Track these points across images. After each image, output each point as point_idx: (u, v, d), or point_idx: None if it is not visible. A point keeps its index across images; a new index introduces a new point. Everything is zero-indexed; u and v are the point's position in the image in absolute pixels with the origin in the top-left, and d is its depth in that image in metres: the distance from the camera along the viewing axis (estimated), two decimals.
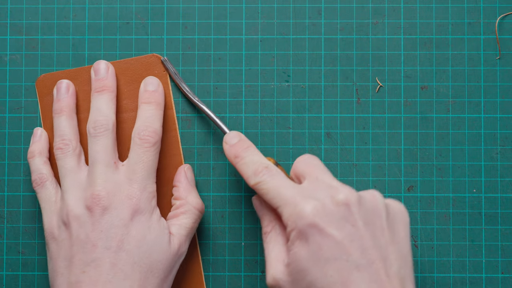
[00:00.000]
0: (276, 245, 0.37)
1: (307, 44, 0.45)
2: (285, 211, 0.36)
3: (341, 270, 0.33)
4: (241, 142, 0.40)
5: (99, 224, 0.38)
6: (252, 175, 0.38)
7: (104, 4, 0.46)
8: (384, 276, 0.33)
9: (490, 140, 0.45)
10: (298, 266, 0.34)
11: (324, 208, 0.35)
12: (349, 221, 0.34)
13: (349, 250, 0.34)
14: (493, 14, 0.45)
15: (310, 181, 0.37)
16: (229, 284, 0.45)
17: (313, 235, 0.34)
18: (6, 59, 0.46)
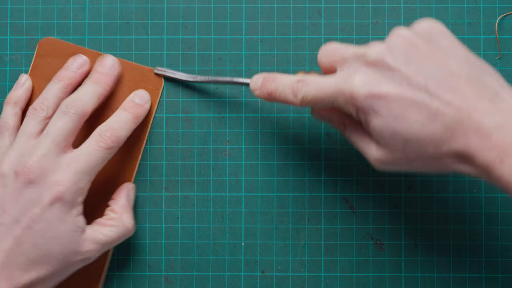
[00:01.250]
0: (358, 134, 0.38)
1: (307, 44, 0.45)
2: (340, 102, 0.36)
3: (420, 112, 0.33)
4: (266, 78, 0.40)
5: (18, 193, 0.38)
6: (293, 97, 0.38)
7: (104, 4, 0.46)
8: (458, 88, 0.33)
9: None
10: (384, 134, 0.34)
11: (367, 75, 0.34)
12: (394, 71, 0.34)
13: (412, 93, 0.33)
14: (493, 14, 0.45)
15: (341, 64, 0.37)
16: (229, 284, 0.45)
17: (375, 103, 0.34)
18: (6, 59, 0.46)
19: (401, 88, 0.34)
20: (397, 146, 0.34)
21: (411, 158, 0.35)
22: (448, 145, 0.33)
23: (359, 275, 0.45)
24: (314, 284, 0.45)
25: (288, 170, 0.45)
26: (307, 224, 0.45)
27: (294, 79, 0.38)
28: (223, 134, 0.45)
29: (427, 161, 0.35)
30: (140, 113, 0.43)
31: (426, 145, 0.34)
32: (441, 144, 0.33)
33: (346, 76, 0.35)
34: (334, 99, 0.36)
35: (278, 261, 0.45)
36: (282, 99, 0.39)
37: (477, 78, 0.34)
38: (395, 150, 0.35)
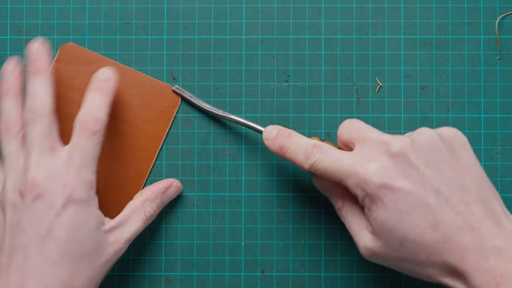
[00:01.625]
0: (355, 216, 0.38)
1: (307, 44, 0.45)
2: (349, 182, 0.36)
3: (425, 216, 0.33)
4: (281, 133, 0.40)
5: (30, 210, 0.37)
6: (304, 159, 0.38)
7: (104, 4, 0.46)
8: (466, 204, 0.33)
9: (490, 140, 0.45)
10: (384, 227, 0.34)
11: (385, 165, 0.35)
12: (412, 168, 0.34)
13: (424, 195, 0.34)
14: (493, 14, 0.45)
15: (360, 145, 0.36)
16: (229, 284, 0.45)
17: (385, 195, 0.34)
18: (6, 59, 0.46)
19: (414, 187, 0.34)
20: (392, 243, 0.35)
21: (402, 258, 0.35)
22: (442, 256, 0.33)
23: (359, 275, 0.45)
24: (314, 284, 0.45)
25: (288, 171, 0.45)
26: (307, 224, 0.45)
27: (310, 142, 0.38)
28: (223, 134, 0.45)
29: (416, 266, 0.35)
30: (109, 87, 0.41)
31: (420, 250, 0.34)
32: (436, 254, 0.33)
33: (364, 159, 0.35)
34: (345, 177, 0.36)
35: (278, 261, 0.45)
36: (292, 158, 0.38)
37: (485, 198, 0.34)
38: (389, 246, 0.35)
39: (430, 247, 0.33)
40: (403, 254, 0.35)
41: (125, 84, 0.45)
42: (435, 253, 0.33)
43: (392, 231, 0.34)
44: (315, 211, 0.45)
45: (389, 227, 0.34)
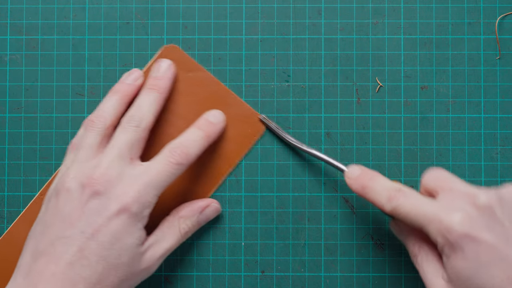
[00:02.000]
0: (431, 264, 0.38)
1: (307, 44, 0.45)
2: (431, 228, 0.36)
3: (505, 270, 0.33)
4: (364, 173, 0.40)
5: (84, 205, 0.38)
6: (386, 202, 0.38)
7: (104, 4, 0.46)
8: None
9: (490, 140, 0.45)
10: (461, 277, 0.35)
11: (470, 216, 0.35)
12: (497, 223, 0.34)
13: (507, 250, 0.34)
14: (493, 14, 0.45)
15: (445, 194, 0.37)
16: (229, 284, 0.45)
17: (467, 245, 0.34)
18: (6, 59, 0.46)
19: (498, 241, 0.34)
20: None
21: None
22: None
23: (359, 275, 0.45)
24: (314, 284, 0.45)
25: (288, 170, 0.45)
26: (307, 224, 0.45)
27: (394, 186, 0.38)
28: None
29: None
30: (213, 131, 0.43)
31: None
32: None
33: (449, 208, 0.35)
34: (427, 223, 0.36)
35: (278, 261, 0.45)
36: (374, 199, 0.38)
37: None
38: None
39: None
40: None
41: (214, 99, 0.45)
42: None
43: (468, 281, 0.34)
44: (315, 211, 0.45)
45: (466, 276, 0.34)
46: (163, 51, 0.45)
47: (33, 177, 0.45)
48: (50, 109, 0.46)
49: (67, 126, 0.45)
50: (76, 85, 0.46)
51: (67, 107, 0.46)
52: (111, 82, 0.45)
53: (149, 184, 0.39)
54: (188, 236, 0.43)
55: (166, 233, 0.41)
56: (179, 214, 0.42)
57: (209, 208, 0.43)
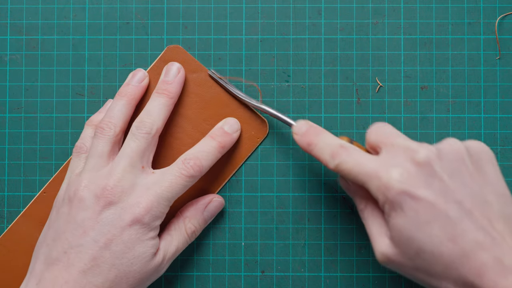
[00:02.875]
0: (375, 220, 0.37)
1: (307, 44, 0.45)
2: (371, 185, 0.35)
3: (444, 227, 0.33)
4: (311, 129, 0.40)
5: (98, 215, 0.38)
6: (330, 158, 0.37)
7: (104, 4, 0.46)
8: (487, 220, 0.33)
9: (490, 140, 0.45)
10: (401, 236, 0.34)
11: (408, 172, 0.34)
12: (436, 178, 0.34)
13: (446, 206, 0.33)
14: (493, 14, 0.45)
15: (387, 149, 0.36)
16: (229, 284, 0.45)
17: (406, 202, 0.34)
18: (6, 59, 0.46)
19: (436, 198, 0.33)
20: (409, 252, 0.34)
21: (417, 268, 0.34)
22: (459, 270, 0.33)
23: (359, 275, 0.45)
24: (314, 284, 0.45)
25: (288, 170, 0.45)
26: (307, 224, 0.45)
27: (337, 142, 0.38)
28: None
29: (431, 277, 0.34)
30: (227, 142, 0.43)
31: (437, 262, 0.33)
32: (452, 267, 0.33)
33: (388, 164, 0.35)
34: (368, 180, 0.35)
35: (278, 261, 0.45)
36: (318, 156, 0.38)
37: (508, 215, 0.34)
38: (405, 254, 0.34)
39: (447, 260, 0.33)
40: (419, 264, 0.34)
41: (217, 100, 0.45)
42: (452, 267, 0.33)
43: (409, 240, 0.34)
44: (315, 211, 0.45)
45: (407, 235, 0.34)
46: (166, 51, 0.45)
47: (33, 177, 0.45)
48: (50, 109, 0.46)
49: (67, 126, 0.45)
50: (76, 85, 0.46)
51: (67, 107, 0.46)
52: (111, 82, 0.45)
53: (161, 195, 0.39)
54: (196, 235, 0.43)
55: (173, 235, 0.42)
56: (184, 215, 0.43)
57: (212, 204, 0.44)
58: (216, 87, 0.45)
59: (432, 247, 0.33)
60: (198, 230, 0.43)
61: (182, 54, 0.45)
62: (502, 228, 0.33)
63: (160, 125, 0.41)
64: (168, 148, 0.44)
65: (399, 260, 0.35)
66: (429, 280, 0.34)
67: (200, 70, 0.45)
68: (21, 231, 0.44)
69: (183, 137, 0.44)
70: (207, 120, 0.44)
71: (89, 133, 0.43)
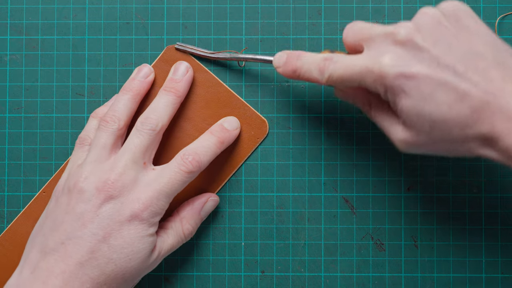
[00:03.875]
0: (384, 114, 0.38)
1: (307, 44, 0.45)
2: (367, 81, 0.36)
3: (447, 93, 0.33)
4: (290, 56, 0.40)
5: (98, 208, 0.38)
6: (319, 74, 0.38)
7: (104, 4, 0.46)
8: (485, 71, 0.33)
9: None
10: (412, 116, 0.34)
11: (396, 55, 0.35)
12: (423, 51, 0.34)
13: (441, 74, 0.33)
14: (493, 14, 0.45)
15: (368, 44, 0.36)
16: (229, 284, 0.45)
17: (404, 84, 0.34)
18: (6, 59, 0.46)
19: (430, 69, 0.34)
20: (424, 128, 0.34)
21: (436, 140, 0.35)
22: (473, 128, 0.33)
23: (359, 275, 0.45)
24: (314, 284, 0.45)
25: (288, 170, 0.45)
26: (307, 224, 0.45)
27: (320, 56, 0.38)
28: None
29: (452, 144, 0.35)
30: (227, 138, 0.43)
31: (452, 127, 0.34)
32: (467, 127, 0.33)
33: (375, 55, 0.35)
34: (362, 78, 0.36)
35: (278, 261, 0.45)
36: (307, 77, 0.38)
37: (502, 60, 0.34)
38: (421, 132, 0.35)
39: (460, 121, 0.33)
40: (437, 136, 0.35)
41: (217, 101, 0.45)
42: (467, 126, 0.33)
43: (420, 117, 0.34)
44: (315, 211, 0.45)
45: (417, 113, 0.34)
46: (166, 51, 0.45)
47: (33, 177, 0.45)
48: (50, 109, 0.46)
49: (67, 126, 0.45)
50: (76, 85, 0.46)
51: (67, 107, 0.46)
52: (111, 82, 0.45)
53: (161, 192, 0.39)
54: (192, 235, 0.43)
55: (169, 234, 0.42)
56: (181, 215, 0.43)
57: (208, 203, 0.44)
58: (215, 87, 0.45)
59: (443, 114, 0.34)
60: (195, 230, 0.43)
61: (182, 54, 0.45)
62: (499, 74, 0.33)
63: (165, 123, 0.41)
64: (167, 147, 0.44)
65: (417, 140, 0.35)
66: (452, 146, 0.35)
67: (200, 70, 0.45)
68: (20, 230, 0.44)
69: (182, 136, 0.44)
70: (207, 119, 0.44)
71: (94, 125, 0.43)
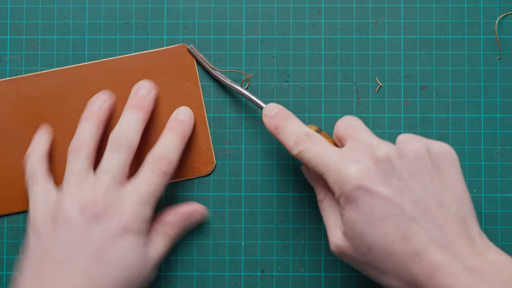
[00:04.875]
0: (332, 212, 0.37)
1: (307, 44, 0.45)
2: (330, 178, 0.35)
3: (398, 225, 0.33)
4: (280, 113, 0.40)
5: (86, 229, 0.38)
6: (294, 145, 0.38)
7: (104, 4, 0.46)
8: (442, 221, 0.33)
9: (490, 140, 0.45)
10: (354, 230, 0.34)
11: (367, 168, 0.34)
12: (394, 176, 0.34)
13: (401, 204, 0.33)
14: (493, 14, 0.45)
15: (351, 143, 0.36)
16: (229, 284, 0.45)
17: (361, 197, 0.34)
18: (6, 59, 0.46)
19: (393, 195, 0.33)
20: (361, 247, 0.34)
21: (369, 264, 0.35)
22: (410, 270, 0.33)
23: (359, 275, 0.45)
24: (314, 284, 0.45)
25: (288, 170, 0.45)
26: (307, 224, 0.45)
27: (304, 130, 0.38)
28: (223, 134, 0.45)
29: (382, 274, 0.34)
30: (186, 130, 0.43)
31: (389, 259, 0.33)
32: (403, 266, 0.33)
33: (349, 159, 0.35)
34: (327, 172, 0.36)
35: (278, 261, 0.45)
36: (283, 141, 0.39)
37: (463, 218, 0.34)
38: (357, 249, 0.35)
39: (398, 258, 0.33)
40: (370, 260, 0.34)
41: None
42: (403, 266, 0.33)
43: (362, 235, 0.34)
44: (315, 211, 0.45)
45: (360, 230, 0.34)
46: (179, 47, 0.45)
47: None
48: None
49: None
50: None
51: None
52: None
53: (143, 200, 0.39)
54: (176, 240, 0.43)
55: (157, 240, 0.42)
56: (165, 220, 0.43)
57: (195, 215, 0.44)
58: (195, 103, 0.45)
59: (384, 245, 0.33)
60: (178, 236, 0.43)
61: (188, 57, 0.45)
62: (456, 229, 0.33)
63: (138, 139, 0.41)
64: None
65: (351, 253, 0.35)
66: (380, 276, 0.34)
67: (194, 81, 0.45)
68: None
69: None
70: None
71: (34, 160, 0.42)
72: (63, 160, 0.44)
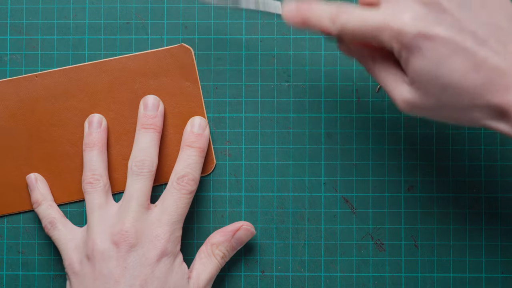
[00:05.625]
0: (388, 71, 0.36)
1: (307, 44, 0.45)
2: (384, 37, 0.34)
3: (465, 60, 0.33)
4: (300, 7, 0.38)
5: (124, 261, 0.39)
6: (331, 25, 0.36)
7: (104, 4, 0.46)
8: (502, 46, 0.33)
9: (490, 140, 0.45)
10: (423, 76, 0.34)
11: (419, 14, 0.34)
12: (446, 13, 0.33)
13: (461, 39, 0.33)
14: None
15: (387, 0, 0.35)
16: (229, 284, 0.45)
17: (423, 43, 0.33)
18: (6, 59, 0.46)
19: (451, 32, 0.33)
20: (433, 91, 0.34)
21: (443, 106, 0.34)
22: (485, 98, 0.33)
23: (359, 275, 0.45)
24: (314, 284, 0.45)
25: (288, 170, 0.45)
26: (307, 224, 0.45)
27: (333, 6, 0.36)
28: (223, 134, 0.45)
29: (458, 111, 0.34)
30: (204, 143, 0.43)
31: (463, 94, 0.33)
32: (478, 96, 0.33)
33: (396, 11, 0.34)
34: (378, 33, 0.34)
35: (278, 261, 0.45)
36: (318, 26, 0.37)
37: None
38: (429, 95, 0.34)
39: (472, 90, 0.33)
40: (445, 101, 0.34)
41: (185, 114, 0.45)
42: (478, 96, 0.33)
43: (432, 79, 0.34)
44: (315, 211, 0.45)
45: (430, 75, 0.34)
46: (180, 47, 0.45)
47: None
48: None
49: None
50: None
51: None
52: None
53: (173, 221, 0.40)
54: (227, 259, 0.43)
55: (204, 263, 0.42)
56: (211, 241, 0.43)
57: (240, 231, 0.43)
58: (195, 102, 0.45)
59: (457, 80, 0.33)
60: (228, 255, 0.43)
61: (188, 58, 0.45)
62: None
63: (157, 162, 0.42)
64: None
65: (422, 102, 0.35)
66: (458, 114, 0.34)
67: (194, 81, 0.45)
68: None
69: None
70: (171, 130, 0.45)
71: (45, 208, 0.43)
72: (64, 162, 0.44)
